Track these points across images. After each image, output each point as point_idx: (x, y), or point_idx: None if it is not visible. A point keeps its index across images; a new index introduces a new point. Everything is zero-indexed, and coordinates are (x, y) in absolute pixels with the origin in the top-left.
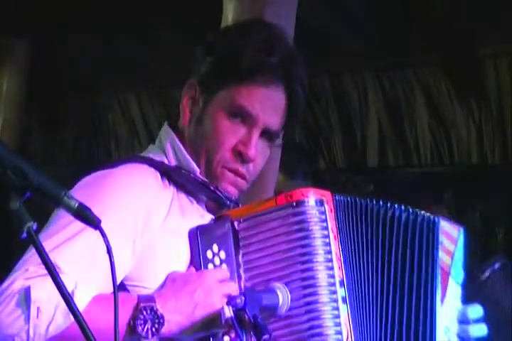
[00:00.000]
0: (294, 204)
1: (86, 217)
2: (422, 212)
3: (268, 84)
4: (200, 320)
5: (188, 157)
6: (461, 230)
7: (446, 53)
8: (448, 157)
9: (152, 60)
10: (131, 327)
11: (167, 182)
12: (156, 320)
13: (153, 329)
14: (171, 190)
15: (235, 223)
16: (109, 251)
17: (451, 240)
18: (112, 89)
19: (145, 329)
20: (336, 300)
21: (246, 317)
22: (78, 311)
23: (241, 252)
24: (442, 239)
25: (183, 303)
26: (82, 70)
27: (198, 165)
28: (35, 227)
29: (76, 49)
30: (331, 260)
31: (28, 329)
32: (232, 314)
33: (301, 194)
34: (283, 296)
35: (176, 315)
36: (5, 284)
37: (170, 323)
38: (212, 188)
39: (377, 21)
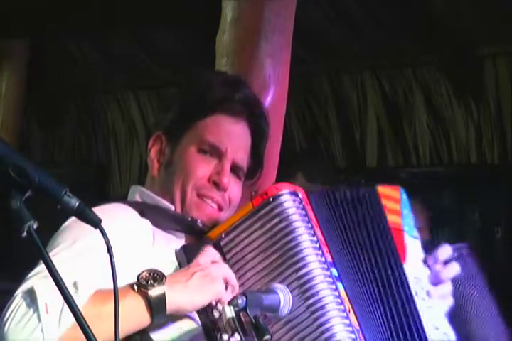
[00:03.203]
0: (271, 199)
1: (86, 216)
2: (362, 188)
3: (232, 113)
4: (200, 286)
5: (158, 197)
6: (401, 189)
7: (446, 53)
8: (447, 157)
9: (151, 59)
10: (134, 288)
11: (145, 219)
12: (158, 278)
13: (156, 284)
14: (150, 227)
15: (218, 241)
16: (109, 250)
17: (394, 201)
18: (110, 88)
19: (149, 283)
20: (330, 276)
21: (247, 317)
22: (79, 310)
23: (229, 264)
24: (385, 202)
25: (180, 275)
26: (82, 70)
27: (173, 203)
28: (35, 226)
29: (75, 49)
30: (317, 241)
31: (42, 328)
32: (234, 314)
33: (276, 188)
34: (284, 297)
35: (175, 278)
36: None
37: (170, 283)
38: (187, 218)
39: (376, 21)
